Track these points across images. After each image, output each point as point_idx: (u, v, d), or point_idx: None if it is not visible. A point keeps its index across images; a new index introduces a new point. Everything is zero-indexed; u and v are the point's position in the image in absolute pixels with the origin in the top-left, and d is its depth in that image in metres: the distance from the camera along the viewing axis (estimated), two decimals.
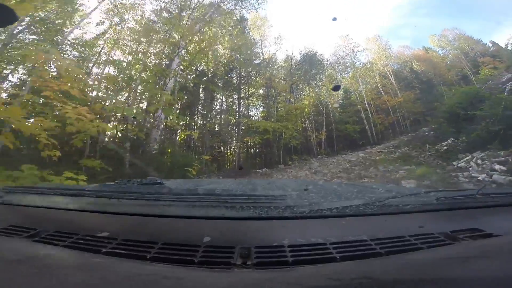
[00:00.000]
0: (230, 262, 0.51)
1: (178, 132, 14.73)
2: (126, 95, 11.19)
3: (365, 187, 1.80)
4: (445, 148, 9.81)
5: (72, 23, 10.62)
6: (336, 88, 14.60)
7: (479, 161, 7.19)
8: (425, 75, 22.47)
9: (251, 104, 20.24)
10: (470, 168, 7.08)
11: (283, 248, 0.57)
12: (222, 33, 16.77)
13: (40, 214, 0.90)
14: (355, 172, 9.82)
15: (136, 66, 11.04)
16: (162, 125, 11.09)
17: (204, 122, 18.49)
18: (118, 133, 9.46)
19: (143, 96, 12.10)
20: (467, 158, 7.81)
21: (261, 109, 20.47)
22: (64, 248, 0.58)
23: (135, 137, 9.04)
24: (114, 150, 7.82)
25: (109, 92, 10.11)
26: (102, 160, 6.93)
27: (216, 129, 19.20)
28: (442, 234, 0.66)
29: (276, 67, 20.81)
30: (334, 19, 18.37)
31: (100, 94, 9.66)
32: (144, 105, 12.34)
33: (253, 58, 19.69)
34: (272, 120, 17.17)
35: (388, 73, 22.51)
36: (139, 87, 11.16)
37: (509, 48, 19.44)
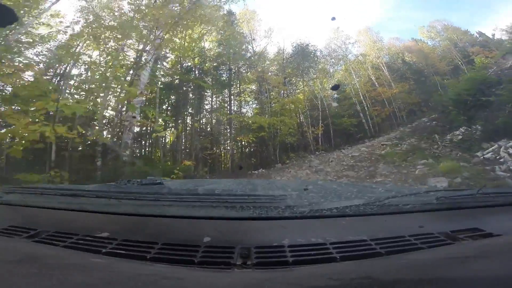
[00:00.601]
0: (230, 262, 0.51)
1: (161, 134, 13.07)
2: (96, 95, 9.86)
3: (365, 187, 1.81)
4: (460, 137, 8.96)
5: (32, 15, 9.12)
6: (335, 87, 14.45)
7: (511, 151, 6.44)
8: (417, 66, 22.41)
9: (243, 101, 19.60)
10: (501, 160, 6.29)
11: (283, 248, 0.57)
12: (207, 26, 16.05)
13: (40, 214, 0.90)
14: (363, 169, 9.12)
15: (110, 64, 9.64)
16: (135, 127, 9.64)
17: (192, 122, 17.55)
18: (76, 137, 7.31)
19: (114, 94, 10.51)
20: (493, 147, 7.01)
21: (253, 105, 19.77)
22: (64, 248, 0.58)
23: (100, 143, 7.96)
24: (78, 157, 7.06)
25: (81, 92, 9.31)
26: (60, 169, 5.93)
27: (207, 129, 18.41)
28: (442, 234, 0.66)
29: (267, 62, 20.26)
30: (333, 18, 18.35)
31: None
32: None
33: (243, 52, 19.07)
34: (266, 116, 16.54)
35: (381, 65, 22.28)
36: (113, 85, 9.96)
37: (497, 37, 19.65)
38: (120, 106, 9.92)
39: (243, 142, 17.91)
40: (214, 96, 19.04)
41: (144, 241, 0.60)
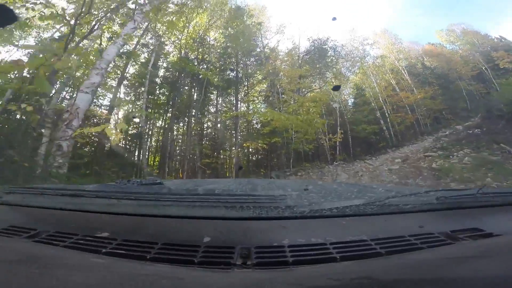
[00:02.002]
0: (230, 262, 0.51)
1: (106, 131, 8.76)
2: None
3: (365, 187, 1.81)
4: None
5: None
6: (336, 88, 14.06)
7: None
8: (439, 71, 21.22)
9: (251, 102, 17.71)
10: None
11: (283, 248, 0.57)
12: (213, 17, 15.17)
13: (40, 214, 0.90)
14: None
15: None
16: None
17: (188, 122, 15.01)
18: None
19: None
20: None
21: (262, 109, 17.57)
22: (64, 248, 0.58)
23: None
24: None
25: None
26: None
27: (210, 132, 16.39)
28: (442, 234, 0.66)
29: (280, 58, 18.34)
30: (334, 19, 18.11)
31: None
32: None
33: (252, 48, 17.34)
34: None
35: (400, 68, 21.04)
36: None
37: None
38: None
39: (250, 149, 15.70)
40: (219, 96, 17.43)
41: (144, 241, 0.60)
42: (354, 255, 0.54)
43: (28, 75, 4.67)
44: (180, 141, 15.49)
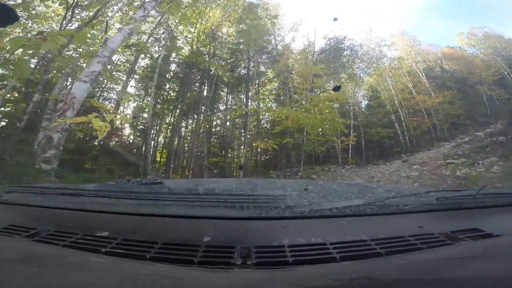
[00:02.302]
0: (230, 262, 0.51)
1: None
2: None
3: (365, 187, 1.81)
4: None
5: None
6: (337, 88, 13.88)
7: None
8: (458, 74, 20.36)
9: (262, 102, 17.08)
10: None
11: (283, 248, 0.57)
12: (226, 12, 14.72)
13: (40, 213, 0.90)
14: None
15: None
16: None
17: (197, 120, 14.56)
18: None
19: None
20: None
21: (273, 108, 16.63)
22: (64, 248, 0.58)
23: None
24: None
25: None
26: None
27: (219, 131, 15.99)
28: (442, 234, 0.66)
29: (293, 56, 17.53)
30: (335, 19, 18.01)
31: None
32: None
33: (264, 45, 16.74)
34: (289, 120, 12.99)
35: (418, 71, 20.28)
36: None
37: None
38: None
39: (259, 149, 15.13)
40: (229, 94, 16.88)
41: (144, 241, 0.60)
42: (354, 255, 0.54)
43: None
44: (188, 138, 15.17)
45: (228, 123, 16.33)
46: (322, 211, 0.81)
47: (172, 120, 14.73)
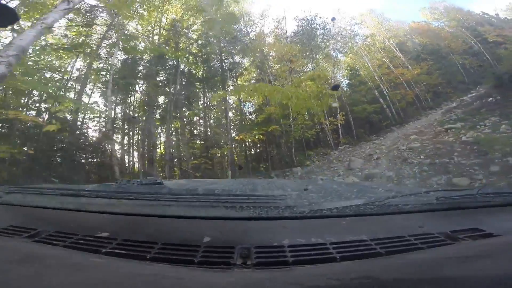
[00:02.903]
0: (230, 262, 0.51)
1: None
2: None
3: (365, 187, 1.81)
4: None
5: None
6: (335, 87, 13.69)
7: None
8: (430, 47, 21.16)
9: (242, 94, 15.54)
10: None
11: (283, 248, 0.57)
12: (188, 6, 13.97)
13: (40, 214, 0.90)
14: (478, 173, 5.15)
15: None
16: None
17: (169, 119, 13.07)
18: None
19: None
20: None
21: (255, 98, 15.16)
22: (64, 248, 0.58)
23: None
24: None
25: None
26: None
27: (199, 130, 14.97)
28: (442, 234, 0.66)
29: (266, 41, 17.29)
30: (333, 19, 18.01)
31: None
32: None
33: (235, 34, 16.00)
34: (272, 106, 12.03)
35: (391, 46, 21.04)
36: None
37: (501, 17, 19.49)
38: None
39: (246, 143, 14.15)
40: (206, 91, 15.68)
41: (144, 241, 0.60)
42: (354, 255, 0.54)
43: None
44: (163, 143, 13.99)
45: (209, 121, 15.51)
46: (322, 211, 0.81)
47: (142, 124, 13.45)
